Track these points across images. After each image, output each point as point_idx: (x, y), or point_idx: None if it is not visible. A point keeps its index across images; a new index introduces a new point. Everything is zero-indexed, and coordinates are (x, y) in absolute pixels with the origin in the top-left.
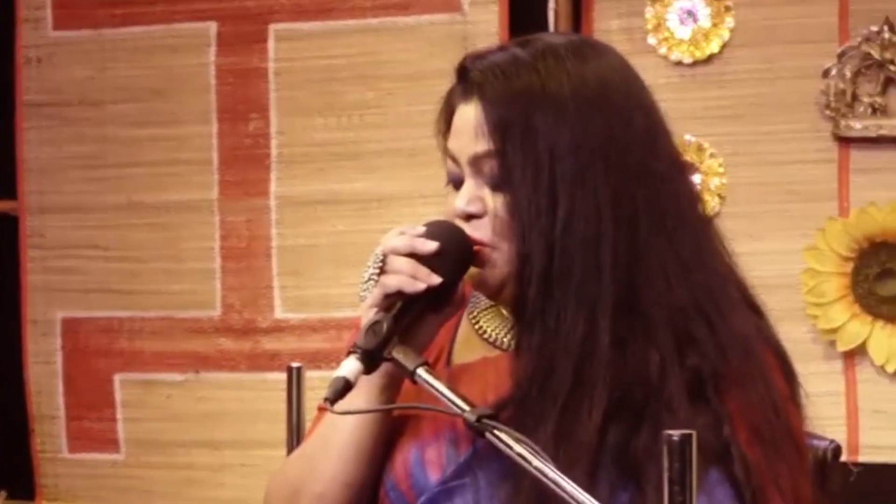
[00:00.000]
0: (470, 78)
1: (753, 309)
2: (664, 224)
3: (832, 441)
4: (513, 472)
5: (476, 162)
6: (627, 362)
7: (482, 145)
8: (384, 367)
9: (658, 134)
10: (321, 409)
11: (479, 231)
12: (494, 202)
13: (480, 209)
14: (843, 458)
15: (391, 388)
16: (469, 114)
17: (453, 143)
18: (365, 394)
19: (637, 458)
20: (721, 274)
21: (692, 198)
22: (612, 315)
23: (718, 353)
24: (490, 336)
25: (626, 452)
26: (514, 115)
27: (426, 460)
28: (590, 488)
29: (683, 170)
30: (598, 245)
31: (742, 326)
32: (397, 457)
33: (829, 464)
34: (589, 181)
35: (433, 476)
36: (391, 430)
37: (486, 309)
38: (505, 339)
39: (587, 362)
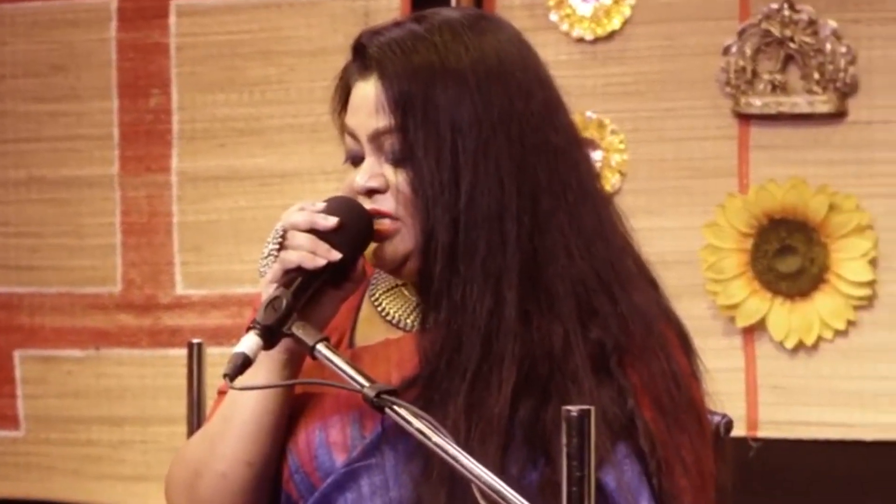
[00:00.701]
0: (368, 54)
1: (650, 283)
2: (566, 197)
3: (724, 416)
4: (421, 451)
5: (376, 138)
6: (533, 335)
7: (383, 121)
8: (284, 343)
9: (557, 108)
10: (221, 393)
11: (382, 206)
12: (396, 178)
13: (382, 184)
14: (743, 433)
15: (292, 365)
16: (368, 90)
17: (352, 120)
18: (265, 370)
19: (546, 432)
20: (620, 247)
21: (591, 172)
22: (517, 288)
23: (620, 325)
24: (393, 317)
25: (535, 428)
26: (415, 90)
27: (331, 442)
28: (502, 466)
29: (582, 145)
30: (501, 218)
31: (641, 300)
32: (300, 438)
33: (721, 438)
34: (491, 155)
35: (339, 457)
36: (293, 408)
37: (388, 290)
38: (408, 321)
39: (494, 336)
